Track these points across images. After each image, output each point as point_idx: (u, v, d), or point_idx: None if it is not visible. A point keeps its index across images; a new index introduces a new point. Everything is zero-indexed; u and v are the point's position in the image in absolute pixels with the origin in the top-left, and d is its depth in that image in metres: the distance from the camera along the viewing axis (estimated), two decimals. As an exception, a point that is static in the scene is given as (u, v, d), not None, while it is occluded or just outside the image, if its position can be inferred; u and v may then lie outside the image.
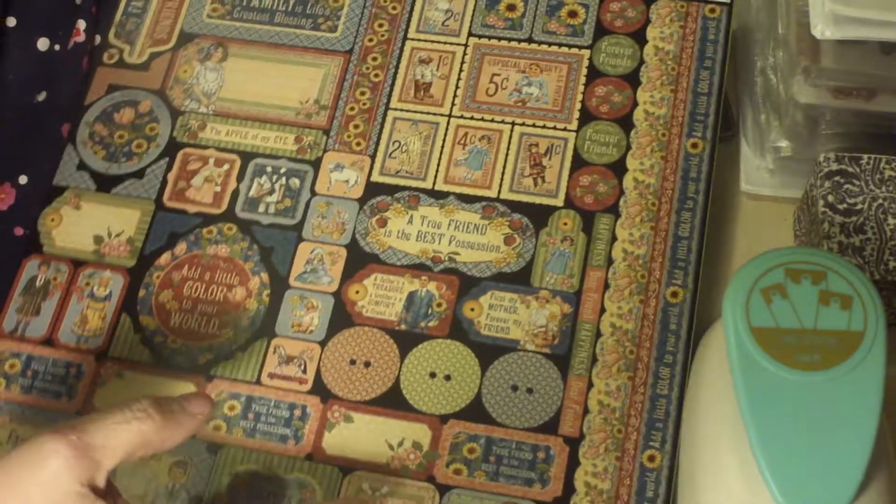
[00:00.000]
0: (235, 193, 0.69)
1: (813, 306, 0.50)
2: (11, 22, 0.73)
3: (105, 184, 0.70)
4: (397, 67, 0.71)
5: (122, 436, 0.49)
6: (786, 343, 0.49)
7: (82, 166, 0.71)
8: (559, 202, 0.66)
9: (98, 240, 0.68)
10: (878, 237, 0.64)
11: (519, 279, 0.64)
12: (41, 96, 0.73)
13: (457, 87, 0.70)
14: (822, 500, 0.47)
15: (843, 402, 0.48)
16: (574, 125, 0.68)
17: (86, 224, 0.69)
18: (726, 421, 0.53)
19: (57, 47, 0.73)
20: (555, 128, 0.68)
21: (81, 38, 0.74)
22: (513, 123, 0.69)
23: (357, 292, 0.65)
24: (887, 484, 0.51)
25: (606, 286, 0.64)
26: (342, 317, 0.64)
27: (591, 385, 0.61)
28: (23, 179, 0.71)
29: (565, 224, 0.66)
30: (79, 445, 0.48)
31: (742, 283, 0.51)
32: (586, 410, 0.61)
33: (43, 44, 0.74)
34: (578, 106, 0.69)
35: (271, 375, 0.64)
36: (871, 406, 0.48)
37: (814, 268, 0.51)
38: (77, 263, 0.68)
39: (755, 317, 0.50)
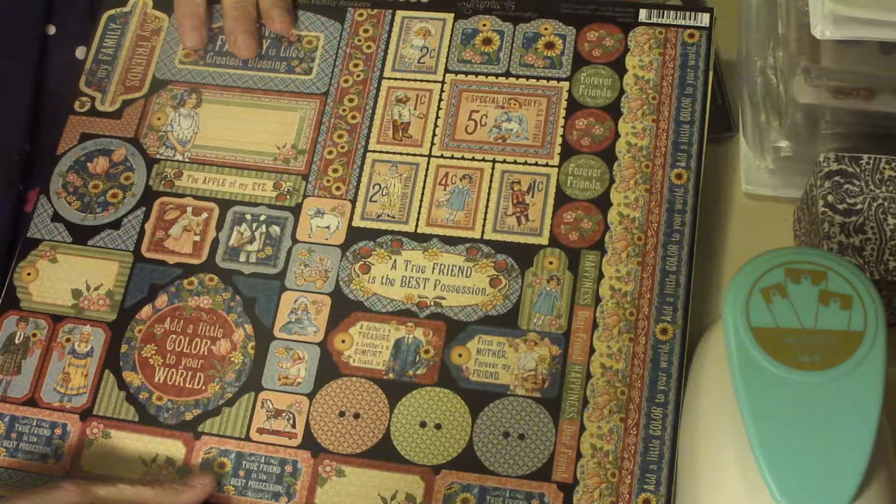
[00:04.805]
0: (215, 243, 0.68)
1: (813, 306, 0.50)
2: (52, 30, 0.76)
3: (81, 235, 0.69)
4: (374, 108, 0.70)
5: (125, 493, 0.59)
6: (786, 343, 0.49)
7: (57, 218, 0.70)
8: (544, 240, 0.65)
9: (77, 293, 0.67)
10: (878, 237, 0.63)
11: (506, 322, 0.64)
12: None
13: (435, 126, 0.69)
14: (822, 500, 0.47)
15: (843, 402, 0.48)
16: (556, 160, 0.67)
17: (63, 278, 0.68)
18: (726, 421, 0.53)
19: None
20: (536, 164, 0.68)
21: None
22: (493, 161, 0.68)
23: (343, 341, 0.64)
24: (887, 484, 0.51)
25: (595, 325, 0.63)
26: (329, 367, 0.64)
27: (583, 428, 0.61)
28: None
29: (551, 263, 0.65)
30: (83, 487, 0.58)
31: (742, 283, 0.51)
32: (579, 455, 0.60)
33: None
34: (559, 140, 0.68)
35: (260, 430, 0.63)
36: (871, 406, 0.48)
37: (814, 268, 0.51)
38: (56, 319, 0.67)
39: (755, 317, 0.50)
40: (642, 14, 0.71)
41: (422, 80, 0.71)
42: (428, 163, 0.68)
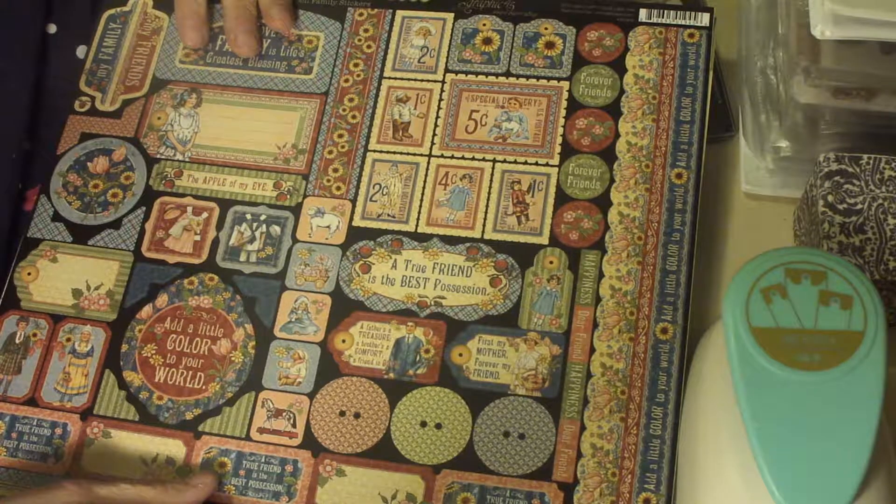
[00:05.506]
0: (216, 242, 0.68)
1: (813, 306, 0.50)
2: (52, 29, 0.76)
3: (81, 235, 0.69)
4: (374, 108, 0.70)
5: (126, 493, 0.59)
6: (786, 343, 0.49)
7: (57, 217, 0.70)
8: (544, 240, 0.65)
9: (77, 293, 0.67)
10: (878, 237, 0.64)
11: (506, 321, 0.64)
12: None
13: (435, 126, 0.69)
14: (822, 500, 0.47)
15: (843, 402, 0.48)
16: (556, 160, 0.68)
17: (63, 277, 0.68)
18: (726, 421, 0.53)
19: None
20: (536, 163, 0.68)
21: None
22: (494, 161, 0.68)
23: (343, 341, 0.64)
24: (887, 484, 0.51)
25: (595, 325, 0.63)
26: (329, 367, 0.64)
27: (583, 428, 0.61)
28: None
29: (551, 263, 0.65)
30: (84, 487, 0.58)
31: (742, 283, 0.51)
32: (580, 454, 0.60)
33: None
34: (559, 140, 0.68)
35: (261, 430, 0.63)
36: (871, 406, 0.48)
37: (814, 268, 0.51)
38: (56, 318, 0.67)
39: (755, 317, 0.50)
40: (642, 14, 0.71)
41: (422, 80, 0.71)
42: (428, 162, 0.68)
